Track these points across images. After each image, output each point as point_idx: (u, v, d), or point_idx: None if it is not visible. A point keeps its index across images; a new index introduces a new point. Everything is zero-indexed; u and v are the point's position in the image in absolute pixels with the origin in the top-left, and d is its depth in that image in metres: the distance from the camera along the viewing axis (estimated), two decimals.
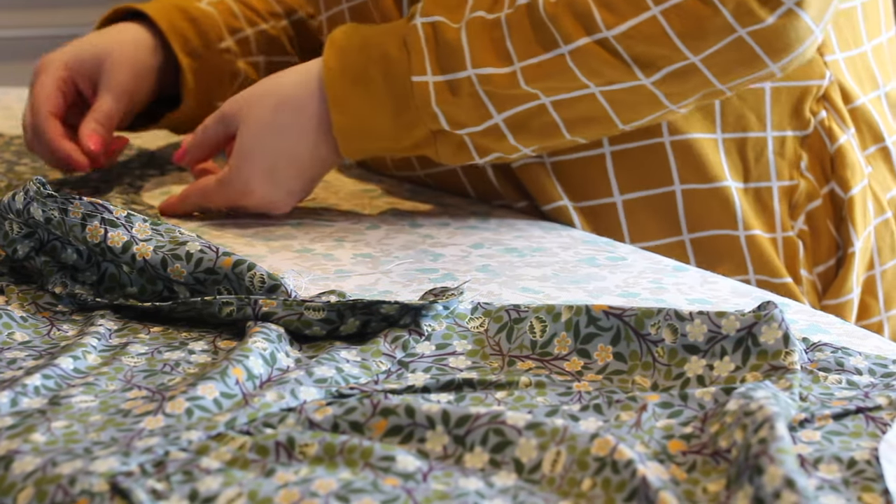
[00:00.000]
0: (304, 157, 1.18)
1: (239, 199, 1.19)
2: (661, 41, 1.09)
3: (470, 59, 1.13)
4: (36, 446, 0.73)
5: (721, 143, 1.21)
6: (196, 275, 0.94)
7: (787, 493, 0.65)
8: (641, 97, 1.12)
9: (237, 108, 1.19)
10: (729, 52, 1.09)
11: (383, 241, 1.15)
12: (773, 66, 1.10)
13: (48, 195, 0.97)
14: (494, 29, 1.13)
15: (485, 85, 1.13)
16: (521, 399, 0.82)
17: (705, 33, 1.08)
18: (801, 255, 1.22)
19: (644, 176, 1.21)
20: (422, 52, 1.14)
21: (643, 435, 0.76)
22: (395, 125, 1.15)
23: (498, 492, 0.70)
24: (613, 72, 1.10)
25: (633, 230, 1.22)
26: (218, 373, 0.81)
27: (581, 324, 0.88)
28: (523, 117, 1.14)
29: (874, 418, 0.79)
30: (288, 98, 1.18)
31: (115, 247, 0.95)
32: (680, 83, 1.11)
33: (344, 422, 0.76)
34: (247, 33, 1.40)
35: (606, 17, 1.09)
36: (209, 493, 0.69)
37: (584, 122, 1.14)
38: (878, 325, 1.26)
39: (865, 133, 1.25)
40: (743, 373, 0.83)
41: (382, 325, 0.90)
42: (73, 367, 0.84)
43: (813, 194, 1.23)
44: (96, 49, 1.32)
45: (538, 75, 1.12)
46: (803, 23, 1.09)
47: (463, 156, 1.17)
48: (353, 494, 0.68)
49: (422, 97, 1.14)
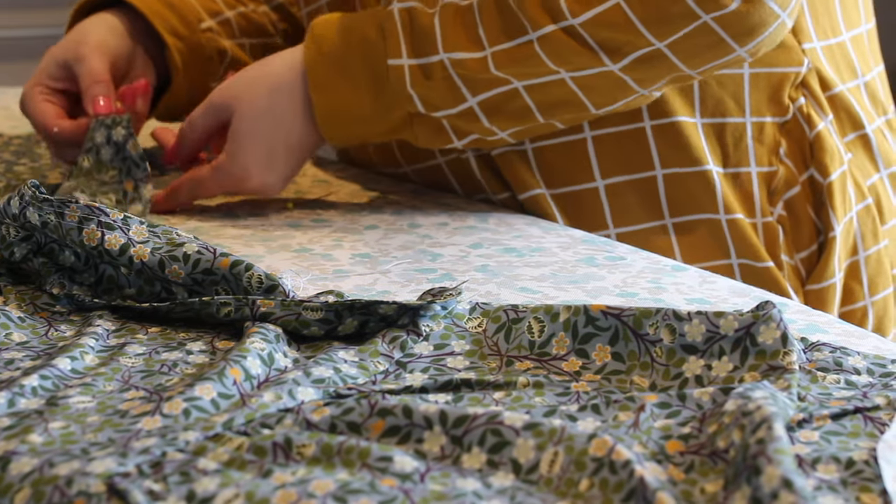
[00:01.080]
0: (299, 141, 1.21)
1: (236, 184, 1.21)
2: (625, 28, 1.10)
3: (442, 44, 1.15)
4: (33, 447, 0.73)
5: (701, 128, 1.23)
6: (194, 276, 0.94)
7: (785, 494, 0.65)
8: (610, 82, 1.13)
9: (228, 97, 1.20)
10: (694, 38, 1.10)
11: (382, 241, 1.15)
12: (740, 50, 1.11)
13: (44, 199, 0.97)
14: (467, 14, 1.15)
15: (457, 68, 1.15)
16: (519, 399, 0.82)
17: (669, 19, 1.09)
18: (780, 240, 1.23)
19: (626, 160, 1.23)
20: (397, 35, 1.16)
21: (641, 435, 0.76)
22: (373, 107, 1.17)
23: (495, 492, 0.70)
24: (581, 58, 1.12)
25: (615, 214, 1.23)
26: (216, 373, 0.81)
27: (579, 324, 0.88)
28: (497, 101, 1.15)
29: (872, 418, 0.79)
30: (280, 83, 1.19)
31: (112, 249, 0.95)
32: (647, 68, 1.12)
33: (341, 422, 0.76)
34: (227, 15, 1.41)
35: (571, 5, 1.11)
36: (206, 494, 0.69)
37: (556, 105, 1.16)
38: (863, 310, 1.27)
39: (844, 120, 1.26)
40: (741, 373, 0.83)
41: (381, 325, 0.90)
42: (70, 368, 0.84)
43: (791, 180, 1.24)
44: (62, 50, 1.32)
45: (508, 61, 1.13)
46: (767, 7, 1.10)
47: (442, 138, 1.19)
48: (351, 495, 0.68)
49: (397, 80, 1.16)
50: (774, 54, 1.23)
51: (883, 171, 1.28)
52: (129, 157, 1.20)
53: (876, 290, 1.27)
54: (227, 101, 1.20)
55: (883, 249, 1.27)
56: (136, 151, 1.21)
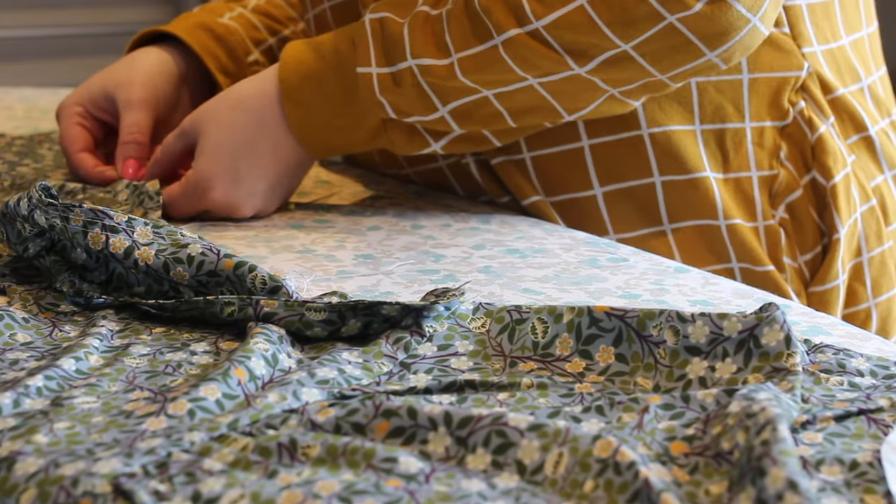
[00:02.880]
0: (266, 155, 1.20)
1: (201, 198, 1.20)
2: (590, 30, 1.09)
3: (410, 50, 1.15)
4: (38, 447, 0.73)
5: (700, 135, 1.23)
6: (198, 278, 0.94)
7: (790, 495, 0.65)
8: (579, 85, 1.13)
9: (196, 119, 1.21)
10: (660, 40, 1.09)
11: (384, 241, 1.15)
12: (710, 54, 1.10)
13: (49, 203, 0.97)
14: (436, 23, 1.15)
15: (425, 76, 1.14)
16: (522, 400, 0.82)
17: (633, 20, 1.08)
18: (783, 243, 1.23)
19: (623, 168, 1.23)
20: (367, 44, 1.16)
21: (645, 436, 0.76)
22: (347, 116, 1.18)
23: (500, 493, 0.70)
24: (546, 62, 1.11)
25: (614, 222, 1.23)
26: (220, 374, 0.81)
27: (583, 325, 0.88)
28: (467, 108, 1.15)
29: (876, 420, 0.79)
30: (244, 97, 1.20)
31: (117, 253, 0.96)
32: (616, 71, 1.11)
33: (346, 423, 0.76)
34: (270, 42, 1.43)
35: (536, 7, 1.10)
36: (212, 495, 0.69)
37: (527, 111, 1.16)
38: (867, 311, 1.27)
39: (847, 122, 1.26)
40: (745, 374, 0.83)
41: (384, 326, 0.90)
42: (75, 368, 0.84)
43: (793, 184, 1.24)
44: (105, 77, 1.34)
45: (474, 67, 1.13)
46: (734, 10, 1.08)
47: (417, 141, 1.19)
48: (356, 496, 0.68)
49: (366, 87, 1.16)
50: (774, 59, 1.23)
51: (887, 172, 1.29)
52: (146, 191, 1.20)
53: (880, 292, 1.27)
54: (195, 124, 1.21)
55: (887, 251, 1.27)
56: (154, 188, 1.20)
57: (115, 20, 3.71)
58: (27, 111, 1.76)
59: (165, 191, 1.21)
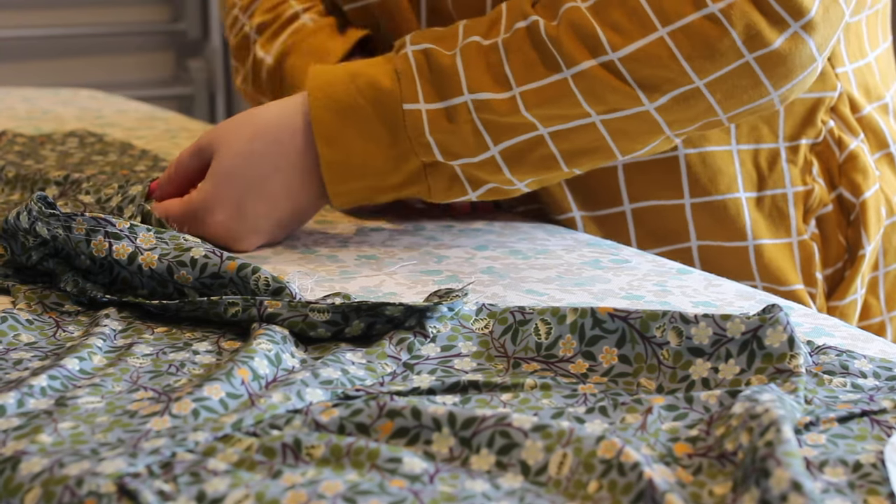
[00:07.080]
0: (277, 194, 1.12)
1: (199, 223, 1.12)
2: (667, 63, 1.06)
3: (466, 84, 1.08)
4: (43, 447, 0.73)
5: (736, 154, 1.21)
6: (202, 280, 0.94)
7: (794, 496, 0.65)
8: (642, 125, 1.09)
9: (213, 138, 1.13)
10: (734, 77, 1.07)
11: (387, 242, 1.15)
12: (774, 94, 1.08)
13: (51, 214, 0.98)
14: (491, 53, 1.09)
15: (481, 112, 1.08)
16: (526, 401, 0.82)
17: (713, 55, 1.05)
18: (816, 257, 1.23)
19: (655, 187, 1.21)
20: (413, 79, 1.09)
21: (649, 437, 0.76)
22: (386, 158, 1.10)
23: (504, 494, 0.70)
24: (617, 97, 1.07)
25: (640, 238, 1.22)
26: (224, 374, 0.81)
27: (586, 326, 0.88)
28: (521, 149, 1.09)
29: (879, 421, 0.79)
30: (266, 128, 1.11)
31: (121, 259, 0.96)
32: (683, 109, 1.08)
33: (350, 423, 0.76)
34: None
35: (613, 38, 1.06)
36: (216, 495, 0.69)
37: (582, 153, 1.11)
38: (881, 325, 1.27)
39: (871, 140, 1.26)
40: (748, 376, 0.83)
41: (387, 326, 0.90)
42: (78, 368, 0.85)
43: (825, 199, 1.23)
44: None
45: (539, 100, 1.08)
46: (808, 49, 1.07)
47: (456, 190, 1.12)
48: (360, 496, 0.68)
49: (414, 126, 1.09)
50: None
51: None
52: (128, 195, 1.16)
53: (894, 306, 1.27)
54: (212, 144, 1.12)
55: None
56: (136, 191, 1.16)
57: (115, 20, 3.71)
58: (29, 111, 1.76)
59: (164, 204, 1.14)
